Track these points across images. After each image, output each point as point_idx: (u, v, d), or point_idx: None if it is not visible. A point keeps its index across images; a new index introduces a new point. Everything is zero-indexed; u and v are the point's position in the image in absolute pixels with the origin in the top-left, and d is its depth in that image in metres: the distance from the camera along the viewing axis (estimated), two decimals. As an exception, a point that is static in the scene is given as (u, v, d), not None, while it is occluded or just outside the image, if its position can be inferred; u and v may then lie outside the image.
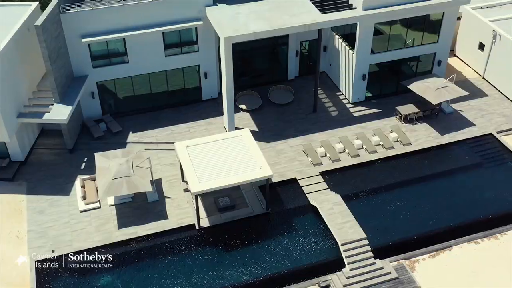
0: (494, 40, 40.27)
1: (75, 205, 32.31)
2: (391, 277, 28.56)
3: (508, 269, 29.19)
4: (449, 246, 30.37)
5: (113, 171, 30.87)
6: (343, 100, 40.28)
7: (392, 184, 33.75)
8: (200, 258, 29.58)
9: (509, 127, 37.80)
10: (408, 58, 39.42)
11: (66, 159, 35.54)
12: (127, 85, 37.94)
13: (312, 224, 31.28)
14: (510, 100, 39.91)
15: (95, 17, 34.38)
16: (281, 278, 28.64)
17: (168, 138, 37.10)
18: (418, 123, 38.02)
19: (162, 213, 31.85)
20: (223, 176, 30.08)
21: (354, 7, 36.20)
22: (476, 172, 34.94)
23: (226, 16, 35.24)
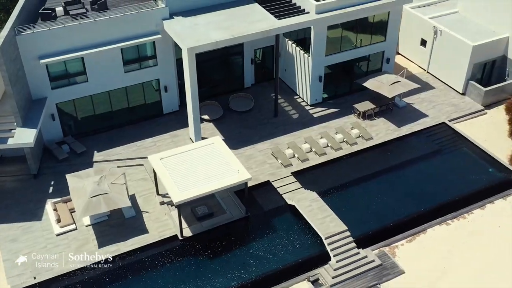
0: (435, 36, 42.80)
1: (50, 229, 31.40)
2: (375, 264, 29.65)
3: (480, 244, 31.02)
4: (423, 230, 31.90)
5: (88, 190, 30.34)
6: (301, 103, 41.42)
7: (361, 177, 35.06)
8: (189, 267, 29.53)
9: (459, 115, 40.20)
10: (359, 58, 41.13)
11: (31, 185, 34.46)
12: (87, 105, 37.37)
13: (293, 223, 31.95)
14: (455, 90, 42.43)
15: (52, 37, 33.77)
16: (270, 277, 29.05)
17: (135, 154, 36.80)
18: (376, 118, 39.71)
19: (142, 228, 31.54)
20: (203, 184, 30.25)
21: (307, 11, 37.55)
22: (436, 159, 36.87)
23: (185, 28, 35.59)
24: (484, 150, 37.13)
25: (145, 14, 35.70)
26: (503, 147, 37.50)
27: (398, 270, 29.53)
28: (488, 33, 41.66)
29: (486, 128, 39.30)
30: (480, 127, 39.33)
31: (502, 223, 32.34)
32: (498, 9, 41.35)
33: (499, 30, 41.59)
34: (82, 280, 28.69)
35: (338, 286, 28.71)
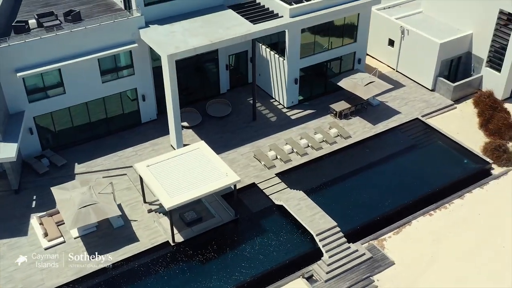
0: (403, 35, 44.22)
1: (37, 244, 30.83)
2: (366, 257, 30.33)
3: (462, 231, 32.15)
4: (408, 222, 32.84)
5: (76, 201, 30.01)
6: (278, 106, 42.02)
7: (344, 174, 35.88)
8: (184, 273, 29.53)
9: (430, 110, 41.58)
10: (332, 59, 42.06)
11: (13, 200, 33.76)
12: (65, 117, 36.93)
13: (282, 223, 32.36)
14: (425, 87, 43.86)
15: (28, 49, 33.30)
16: (266, 277, 29.34)
17: (117, 164, 36.54)
18: (352, 117, 40.65)
19: (132, 237, 31.35)
20: (193, 188, 30.35)
21: (280, 16, 38.24)
22: (414, 153, 38.06)
23: (162, 36, 35.71)
24: (457, 143, 38.53)
25: (121, 24, 35.64)
26: (475, 138, 38.99)
27: (388, 262, 30.30)
28: (453, 30, 43.30)
29: (457, 121, 40.78)
30: (452, 121, 40.78)
31: (481, 210, 33.61)
32: (461, 8, 43.06)
33: (462, 27, 43.30)
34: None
35: (332, 281, 29.23)
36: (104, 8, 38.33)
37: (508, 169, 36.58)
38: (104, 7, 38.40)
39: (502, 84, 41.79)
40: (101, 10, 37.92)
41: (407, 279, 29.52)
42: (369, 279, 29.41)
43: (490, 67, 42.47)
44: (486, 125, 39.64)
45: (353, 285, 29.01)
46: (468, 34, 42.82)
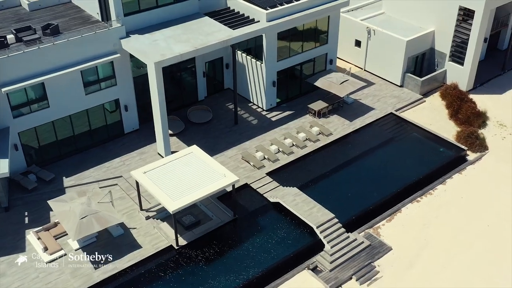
0: (369, 36, 46.20)
1: (38, 259, 30.28)
2: (365, 245, 31.57)
3: (449, 214, 33.97)
4: (398, 209, 34.38)
5: (77, 211, 29.83)
6: (257, 109, 42.95)
7: (331, 169, 37.15)
8: (191, 274, 29.82)
9: (402, 105, 43.60)
10: (306, 61, 43.42)
11: (4, 218, 33.04)
12: (49, 131, 36.48)
13: (280, 219, 33.21)
14: (393, 84, 45.93)
15: (11, 64, 32.88)
16: (272, 272, 30.04)
17: (106, 175, 36.39)
18: (330, 115, 42.08)
19: (134, 244, 31.37)
20: (194, 190, 30.78)
21: (257, 20, 39.31)
22: (393, 145, 39.87)
23: (145, 44, 36.04)
24: (432, 133, 40.63)
25: (103, 35, 35.71)
26: (447, 128, 41.21)
27: (386, 248, 31.64)
28: (416, 29, 45.66)
29: (428, 113, 42.95)
30: (423, 114, 42.91)
31: (463, 194, 35.61)
32: (422, 7, 45.50)
33: (424, 25, 45.73)
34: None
35: (337, 269, 30.27)
36: (81, 21, 38.27)
37: (482, 154, 38.88)
38: (80, 20, 38.34)
39: (466, 76, 44.38)
40: (78, 23, 37.85)
41: (405, 262, 30.93)
42: (370, 265, 30.62)
43: (453, 61, 45.03)
44: (455, 115, 41.95)
45: (357, 272, 30.12)
46: (430, 31, 45.27)
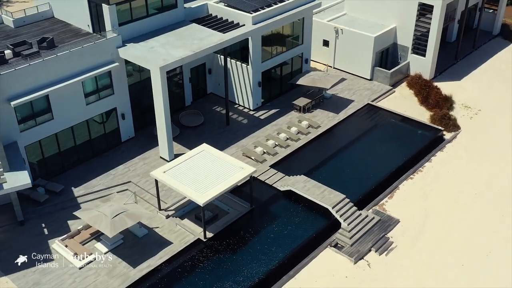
0: (337, 35, 49.48)
1: (69, 266, 30.66)
2: (376, 220, 34.18)
3: (441, 187, 37.37)
4: (396, 187, 37.37)
5: (107, 213, 30.51)
6: (243, 110, 44.87)
7: (328, 157, 39.84)
8: (225, 261, 31.25)
9: (376, 96, 47.02)
10: (286, 61, 45.97)
11: (23, 231, 32.97)
12: (52, 143, 36.67)
13: (293, 205, 35.23)
14: (364, 78, 49.36)
15: (17, 77, 33.10)
16: (298, 252, 31.98)
17: (114, 181, 36.96)
18: (313, 110, 44.74)
19: (162, 241, 32.31)
20: (218, 183, 32.22)
21: (242, 24, 41.42)
22: (377, 132, 43.19)
23: (143, 52, 37.20)
24: (409, 118, 44.22)
25: (101, 44, 36.56)
26: (420, 113, 44.98)
27: (394, 221, 34.43)
28: (378, 26, 49.41)
29: (401, 102, 46.62)
30: (396, 102, 46.52)
31: (448, 168, 39.20)
32: (382, 6, 49.38)
33: (386, 23, 49.59)
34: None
35: (356, 244, 32.62)
36: (71, 34, 38.81)
37: (456, 133, 42.83)
38: (70, 33, 38.87)
39: (428, 66, 48.57)
40: (70, 36, 38.39)
41: (414, 231, 33.82)
42: (384, 237, 33.24)
43: (415, 53, 49.12)
44: (426, 101, 45.84)
45: (374, 244, 32.63)
46: (392, 27, 49.18)
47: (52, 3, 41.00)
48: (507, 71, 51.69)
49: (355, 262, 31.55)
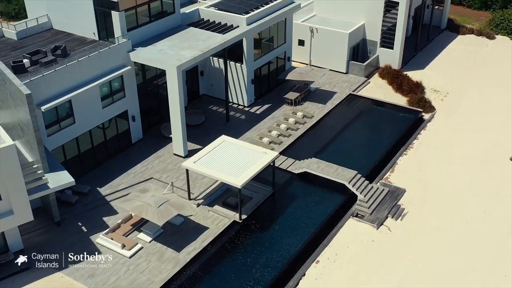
0: (312, 34, 53.38)
1: (119, 256, 32.12)
2: (386, 191, 37.92)
3: (433, 158, 41.81)
4: (395, 162, 41.40)
5: (152, 202, 32.30)
6: (238, 107, 47.63)
7: (329, 141, 43.35)
8: (263, 238, 33.92)
9: (355, 87, 51.20)
10: (272, 59, 49.27)
11: (61, 231, 34.00)
12: (73, 147, 37.81)
13: (311, 185, 38.37)
14: (340, 72, 53.49)
15: (45, 82, 34.25)
16: (325, 225, 35.11)
17: (136, 179, 38.53)
18: (303, 103, 48.25)
19: (200, 227, 34.40)
20: (248, 168, 34.79)
21: (236, 26, 44.35)
22: (365, 117, 47.32)
23: (154, 54, 39.26)
24: (390, 103, 48.68)
25: (115, 49, 38.27)
26: (397, 99, 49.60)
27: (401, 190, 38.33)
28: (349, 24, 53.76)
29: (378, 90, 51.08)
30: (373, 91, 50.93)
31: (434, 143, 43.79)
32: (350, 5, 53.84)
33: (354, 21, 54.06)
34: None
35: (374, 212, 36.16)
36: (77, 42, 40.21)
37: (433, 113, 47.68)
38: (76, 42, 40.26)
39: (396, 57, 53.48)
40: (77, 44, 39.80)
41: (420, 198, 37.83)
42: (397, 205, 37.02)
43: (384, 47, 53.89)
44: (400, 88, 50.53)
45: (390, 211, 36.31)
46: (362, 24, 53.72)
47: (51, 15, 42.11)
48: (461, 58, 57.68)
49: (377, 228, 35.08)
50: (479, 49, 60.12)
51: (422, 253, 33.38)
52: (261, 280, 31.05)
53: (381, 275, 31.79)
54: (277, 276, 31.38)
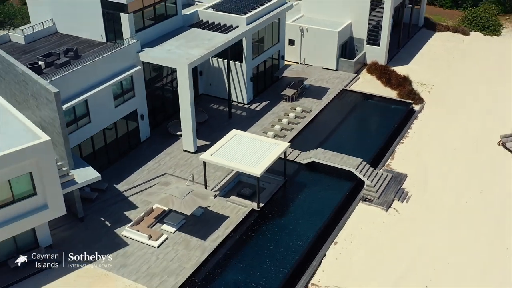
0: (302, 33, 55.56)
1: (146, 248, 33.32)
2: (390, 176, 40.20)
3: (427, 143, 44.39)
4: (393, 150, 43.79)
5: (176, 194, 33.67)
6: (238, 105, 49.31)
7: (329, 133, 45.45)
8: (281, 223, 35.78)
9: (346, 82, 53.54)
10: (268, 58, 51.19)
11: (85, 227, 34.97)
12: (88, 146, 38.79)
13: (319, 174, 40.36)
14: (329, 69, 55.78)
15: (64, 82, 35.21)
16: (338, 209, 37.15)
17: (151, 175, 39.73)
18: (299, 98, 50.29)
19: (220, 217, 35.87)
20: (263, 158, 36.49)
21: (236, 26, 46.10)
22: (359, 110, 49.77)
23: (164, 54, 40.64)
24: (381, 96, 51.22)
25: (126, 50, 39.50)
26: (387, 92, 52.17)
27: (403, 176, 40.67)
28: (336, 23, 56.16)
29: (367, 85, 53.57)
30: (364, 86, 53.39)
31: (427, 131, 46.42)
32: (337, 5, 56.27)
33: (341, 20, 56.52)
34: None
35: (382, 196, 38.34)
36: (86, 44, 41.22)
37: (422, 105, 50.40)
38: (84, 44, 41.27)
39: (382, 54, 56.17)
40: (85, 46, 40.82)
41: (421, 182, 40.22)
42: (401, 189, 39.33)
43: (370, 44, 56.51)
44: (389, 82, 53.13)
45: (395, 195, 38.57)
46: (349, 23, 56.22)
47: (56, 19, 42.97)
48: (440, 53, 60.89)
49: (386, 210, 37.28)
50: (456, 44, 63.47)
51: (430, 230, 35.71)
52: (285, 262, 32.78)
53: (396, 253, 33.94)
54: (300, 258, 33.16)
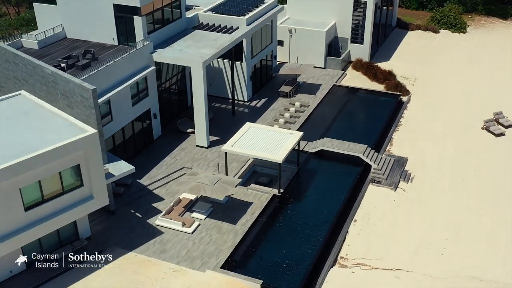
0: (291, 34, 58.50)
1: (181, 234, 35.14)
2: (393, 160, 43.39)
3: (421, 133, 47.96)
4: (391, 137, 47.10)
5: (207, 182, 35.73)
6: (239, 102, 51.65)
7: (329, 125, 48.32)
8: (302, 206, 38.48)
9: (336, 79, 56.73)
10: (263, 57, 53.82)
11: (117, 219, 36.46)
12: (110, 143, 40.24)
13: (327, 162, 43.15)
14: (318, 67, 58.88)
15: (91, 82, 36.64)
16: (352, 191, 40.02)
17: (170, 169, 41.54)
18: (296, 95, 53.09)
19: (245, 203, 38.06)
20: (281, 146, 38.96)
21: (236, 27, 48.55)
22: (353, 103, 52.97)
23: (176, 53, 42.65)
24: (371, 90, 54.65)
25: (143, 50, 41.34)
26: (376, 86, 55.66)
27: (405, 159, 43.91)
28: (322, 24, 59.34)
29: (356, 80, 56.93)
30: (353, 81, 56.73)
31: (418, 120, 50.05)
32: (321, 7, 59.52)
33: (326, 20, 59.80)
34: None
35: (388, 178, 41.40)
36: (99, 48, 42.78)
37: (409, 96, 54.09)
38: (98, 47, 42.81)
39: (366, 51, 59.77)
40: (99, 50, 42.40)
41: (421, 164, 43.59)
42: (404, 171, 42.58)
43: (354, 43, 60.00)
44: (376, 77, 56.64)
45: (400, 176, 41.76)
46: (334, 23, 59.56)
47: (65, 25, 44.31)
48: (416, 50, 65.11)
49: (395, 190, 40.40)
50: (429, 41, 67.87)
51: (435, 206, 38.98)
52: (313, 240, 35.31)
53: (410, 227, 36.98)
54: (325, 236, 35.76)
